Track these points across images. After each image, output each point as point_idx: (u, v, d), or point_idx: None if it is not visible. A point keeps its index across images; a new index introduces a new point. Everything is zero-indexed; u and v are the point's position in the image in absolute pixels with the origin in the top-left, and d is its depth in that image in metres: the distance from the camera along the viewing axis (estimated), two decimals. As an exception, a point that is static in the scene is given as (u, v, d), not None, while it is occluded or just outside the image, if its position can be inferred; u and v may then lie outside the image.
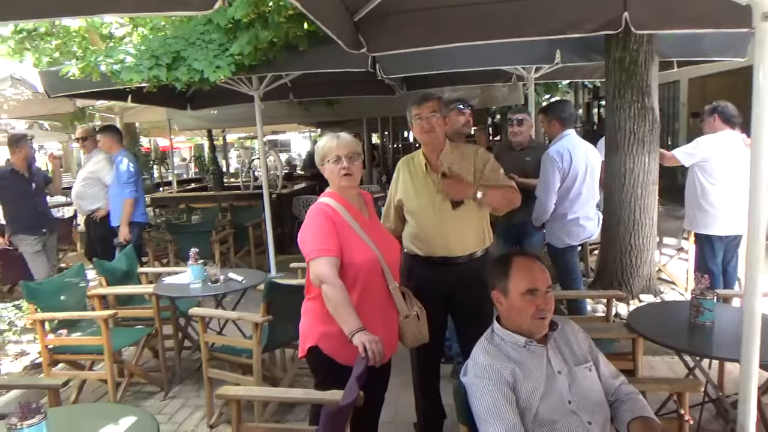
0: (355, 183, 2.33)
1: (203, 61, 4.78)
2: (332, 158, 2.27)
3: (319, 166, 2.37)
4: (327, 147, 2.29)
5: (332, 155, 2.27)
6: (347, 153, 2.27)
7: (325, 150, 2.30)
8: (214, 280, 3.75)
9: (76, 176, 6.22)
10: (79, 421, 2.07)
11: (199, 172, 15.44)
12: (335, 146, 2.27)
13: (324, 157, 2.30)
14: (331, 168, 2.28)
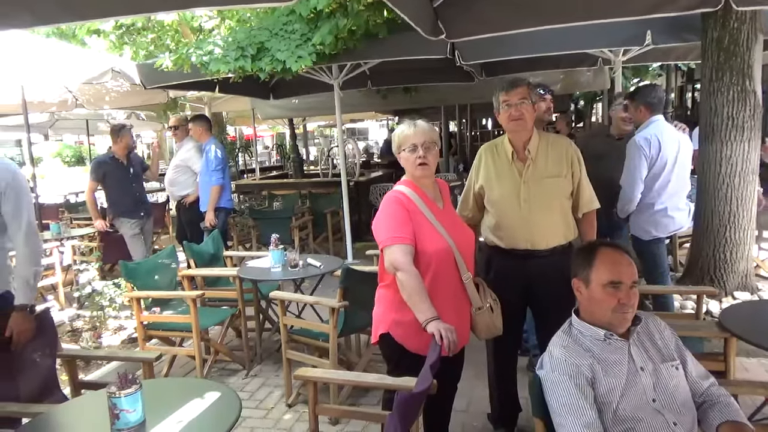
0: (431, 172, 2.31)
1: (285, 52, 4.91)
2: (408, 146, 2.27)
3: (395, 154, 2.37)
4: (403, 135, 2.29)
5: (408, 143, 2.27)
6: (423, 141, 2.26)
7: (402, 138, 2.30)
8: (293, 265, 3.87)
9: (168, 163, 6.60)
10: (169, 394, 2.21)
11: (280, 159, 15.92)
12: (411, 134, 2.27)
13: (400, 145, 2.30)
14: (407, 156, 2.28)
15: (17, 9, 2.28)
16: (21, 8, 2.29)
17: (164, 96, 7.83)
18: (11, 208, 2.46)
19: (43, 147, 23.19)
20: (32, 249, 2.51)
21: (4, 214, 2.47)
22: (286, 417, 3.28)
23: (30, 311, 2.50)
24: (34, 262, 2.52)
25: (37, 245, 2.57)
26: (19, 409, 2.23)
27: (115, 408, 1.78)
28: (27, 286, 2.48)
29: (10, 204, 2.46)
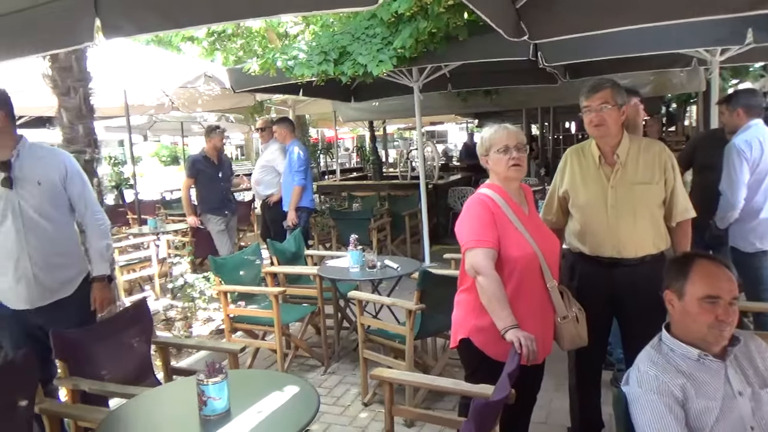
0: (523, 174, 2.28)
1: (367, 56, 4.99)
2: (500, 148, 2.23)
3: (481, 156, 2.34)
4: (494, 137, 2.26)
5: (500, 145, 2.24)
6: (516, 143, 2.22)
7: (493, 140, 2.27)
8: (371, 265, 3.92)
9: (255, 164, 6.89)
10: (252, 385, 2.30)
11: (360, 161, 16.16)
12: (504, 136, 2.24)
13: (490, 147, 2.27)
14: (498, 158, 2.25)
15: (123, 20, 2.47)
16: (126, 19, 2.48)
17: (252, 99, 8.17)
18: (77, 189, 2.71)
19: (142, 147, 24.84)
20: (100, 224, 2.77)
21: (71, 196, 2.71)
22: (362, 415, 3.33)
23: (108, 280, 2.75)
24: (103, 235, 2.78)
25: (103, 220, 2.81)
26: (117, 390, 2.40)
27: (203, 395, 1.88)
28: (101, 258, 2.75)
29: (76, 186, 2.71)
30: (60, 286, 2.69)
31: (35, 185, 2.60)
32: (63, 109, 3.83)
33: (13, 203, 2.58)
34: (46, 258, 2.64)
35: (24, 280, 2.61)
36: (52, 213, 2.65)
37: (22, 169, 2.59)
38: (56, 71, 3.79)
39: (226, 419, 1.89)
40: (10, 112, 2.61)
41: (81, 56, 3.84)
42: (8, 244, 2.59)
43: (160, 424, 2.06)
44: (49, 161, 2.67)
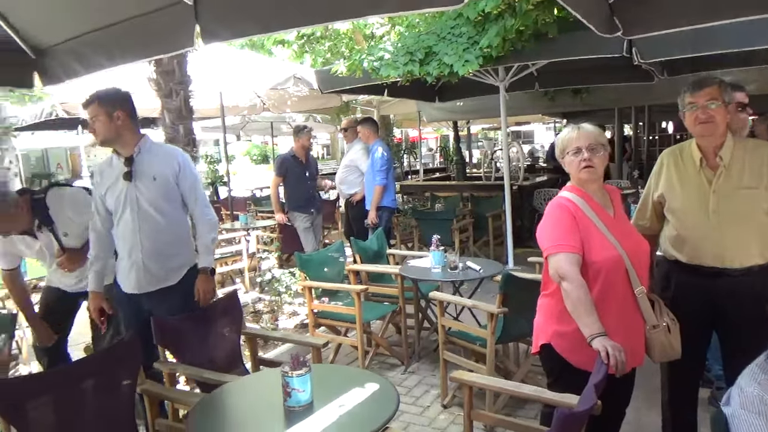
0: (596, 176, 2.18)
1: (453, 56, 4.96)
2: (572, 150, 2.16)
3: (559, 158, 2.28)
4: (567, 138, 2.19)
5: (572, 146, 2.16)
6: (588, 144, 2.14)
7: (566, 141, 2.20)
8: (453, 266, 3.89)
9: (339, 163, 7.05)
10: (334, 379, 2.36)
11: (443, 161, 16.09)
12: (575, 137, 2.17)
13: (564, 149, 2.21)
14: (571, 160, 2.18)
15: (220, 26, 2.62)
16: (222, 26, 2.62)
17: (338, 100, 8.36)
18: (188, 185, 2.87)
19: (235, 146, 26.03)
20: (207, 219, 2.91)
21: (183, 192, 2.87)
22: (441, 417, 3.32)
23: (211, 273, 2.90)
24: (210, 229, 2.92)
25: (211, 215, 2.95)
26: (211, 377, 2.54)
27: (288, 386, 1.95)
28: (207, 251, 2.90)
29: (187, 182, 2.86)
30: (166, 274, 2.88)
31: (151, 180, 2.81)
32: (166, 110, 4.09)
33: (132, 196, 2.81)
34: (155, 248, 2.83)
35: (135, 266, 2.83)
36: (164, 207, 2.83)
37: (141, 164, 2.82)
38: (160, 75, 4.07)
39: (309, 411, 1.95)
40: (131, 111, 2.84)
41: (182, 61, 4.10)
42: (126, 233, 2.83)
43: (248, 411, 2.15)
44: (165, 158, 2.86)
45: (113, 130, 2.76)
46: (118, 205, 2.82)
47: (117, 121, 2.75)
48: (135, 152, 2.82)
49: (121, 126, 2.77)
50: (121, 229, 2.84)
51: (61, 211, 2.96)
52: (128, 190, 2.80)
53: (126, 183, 2.79)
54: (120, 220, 2.84)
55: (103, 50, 3.10)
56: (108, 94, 2.81)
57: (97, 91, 2.82)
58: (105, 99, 2.77)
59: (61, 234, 3.00)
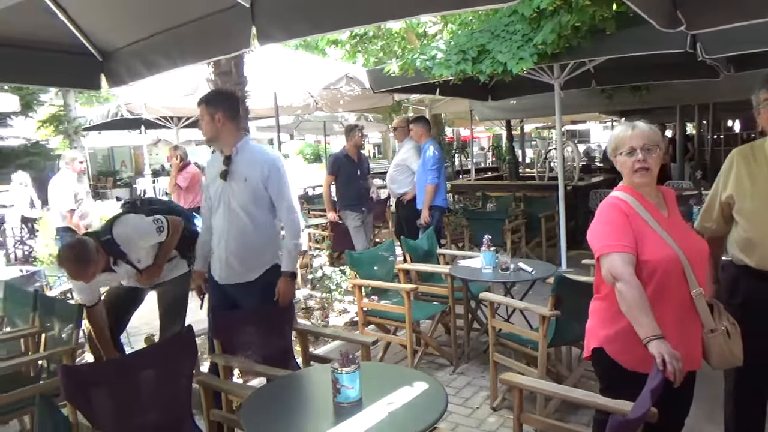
0: (651, 178, 2.09)
1: (507, 54, 4.88)
2: (626, 150, 2.08)
3: (611, 157, 2.20)
4: (620, 137, 2.11)
5: (625, 146, 2.08)
6: (643, 144, 2.05)
7: (618, 140, 2.12)
8: (504, 267, 3.84)
9: (390, 162, 7.08)
10: (383, 377, 2.37)
11: (495, 161, 15.90)
12: (629, 136, 2.08)
13: (616, 148, 2.12)
14: (624, 160, 2.09)
15: (275, 28, 2.67)
16: (278, 27, 2.67)
17: (390, 99, 8.39)
18: (275, 190, 2.96)
19: (289, 145, 26.54)
20: (292, 224, 3.00)
21: (271, 196, 2.98)
22: (490, 419, 3.28)
23: (292, 277, 3.00)
24: (293, 235, 3.00)
25: (296, 222, 3.02)
26: (264, 371, 2.60)
27: (338, 383, 1.98)
28: (289, 255, 3.01)
29: (274, 186, 2.96)
30: (246, 271, 3.02)
31: (242, 181, 2.95)
32: (223, 110, 4.20)
33: (225, 194, 2.99)
34: (239, 247, 2.99)
35: (220, 259, 3.05)
36: (251, 209, 2.97)
37: (236, 165, 2.98)
38: (218, 76, 4.18)
39: (358, 408, 1.96)
40: (232, 113, 3.00)
41: (239, 62, 4.20)
42: (217, 227, 3.05)
43: (298, 405, 2.19)
44: (257, 162, 2.96)
45: (214, 130, 2.96)
46: (215, 199, 3.04)
47: (218, 123, 2.94)
48: (233, 152, 2.98)
49: (221, 127, 2.95)
50: (214, 222, 3.08)
51: (130, 242, 3.14)
52: (223, 188, 2.98)
53: (222, 181, 2.97)
54: (215, 213, 3.06)
55: (164, 53, 3.23)
56: (212, 97, 3.04)
57: (206, 94, 3.09)
58: (209, 102, 2.98)
59: (134, 261, 3.19)
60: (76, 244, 2.94)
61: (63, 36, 3.25)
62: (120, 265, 3.16)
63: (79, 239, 3.00)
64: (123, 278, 3.28)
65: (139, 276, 3.27)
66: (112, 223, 3.16)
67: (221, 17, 2.83)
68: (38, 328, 3.29)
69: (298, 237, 3.04)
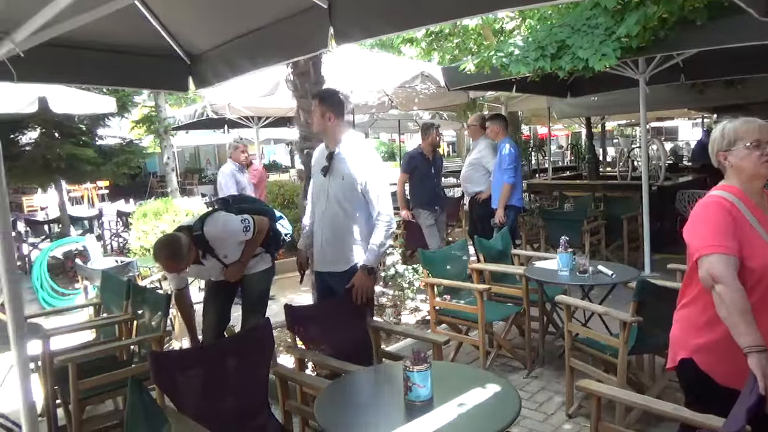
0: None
1: (588, 49, 4.69)
2: (751, 142, 1.94)
3: (718, 152, 2.05)
4: (742, 129, 1.98)
5: (751, 138, 1.95)
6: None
7: (740, 132, 1.98)
8: (582, 270, 3.71)
9: (464, 160, 7.00)
10: (455, 377, 2.36)
11: (574, 160, 15.39)
12: (755, 129, 1.96)
13: (735, 141, 1.99)
14: (747, 153, 1.96)
15: (353, 27, 2.71)
16: (355, 27, 2.71)
17: (465, 97, 8.31)
18: (370, 190, 3.11)
19: (363, 144, 26.82)
20: (383, 224, 3.12)
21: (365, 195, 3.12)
22: (565, 426, 3.19)
23: (370, 272, 3.11)
24: (382, 234, 3.12)
25: (387, 222, 3.14)
26: (336, 365, 2.65)
27: (409, 380, 1.98)
28: (373, 251, 3.12)
29: (369, 187, 3.11)
30: (335, 261, 3.22)
31: (340, 178, 3.14)
32: (301, 109, 4.32)
33: (325, 187, 3.20)
34: (334, 237, 3.20)
35: (317, 245, 3.29)
36: (346, 205, 3.14)
37: (338, 162, 3.16)
38: (296, 77, 4.30)
39: (429, 407, 1.96)
40: (339, 110, 3.18)
41: (317, 62, 4.29)
42: (318, 216, 3.27)
43: (370, 400, 2.23)
44: (356, 161, 3.12)
45: (323, 126, 3.19)
46: (316, 190, 3.28)
47: (327, 120, 3.16)
48: (336, 150, 3.16)
49: (330, 124, 3.17)
50: (317, 210, 3.31)
51: (219, 239, 3.32)
52: (324, 181, 3.20)
53: (322, 174, 3.19)
54: (317, 202, 3.30)
55: (246, 55, 3.35)
56: (326, 95, 3.24)
57: (321, 90, 3.37)
58: (323, 99, 3.19)
59: (221, 256, 3.37)
60: (171, 242, 3.12)
61: (155, 41, 3.44)
62: (208, 259, 3.33)
63: (174, 236, 3.16)
64: (210, 271, 3.45)
65: (224, 270, 3.43)
66: (204, 219, 3.32)
67: (300, 19, 2.90)
68: (130, 315, 3.52)
69: (388, 237, 3.16)
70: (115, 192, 15.01)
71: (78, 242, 7.35)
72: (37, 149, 7.92)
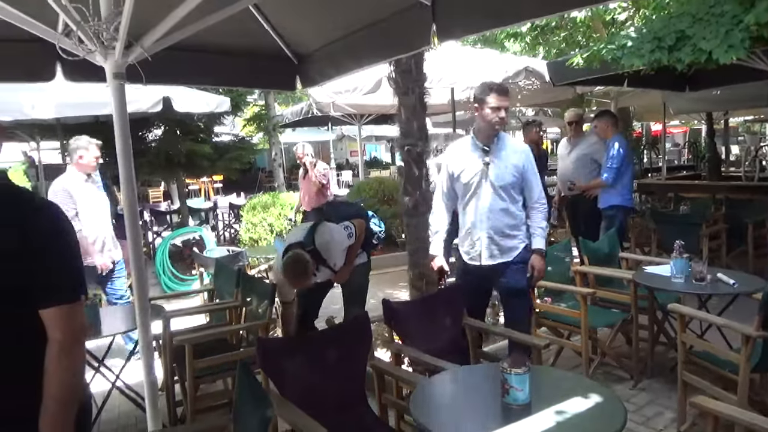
0: None
1: (712, 40, 4.32)
2: None
3: None
4: None
5: None
6: None
7: None
8: (699, 277, 3.44)
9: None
10: (554, 383, 2.28)
11: (692, 159, 14.32)
12: None
13: None
14: None
15: (455, 24, 2.69)
16: (457, 23, 2.69)
17: (571, 92, 7.97)
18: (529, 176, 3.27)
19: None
20: (543, 207, 3.32)
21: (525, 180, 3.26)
22: (675, 444, 2.98)
23: (543, 254, 3.29)
24: (543, 217, 3.32)
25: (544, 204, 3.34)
26: (432, 362, 2.65)
27: (506, 383, 1.94)
28: (540, 233, 3.29)
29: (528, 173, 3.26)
30: (507, 251, 3.25)
31: (503, 168, 3.20)
32: (402, 106, 4.35)
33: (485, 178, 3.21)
34: (503, 226, 3.23)
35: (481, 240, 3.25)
36: (511, 193, 3.23)
37: (497, 152, 3.22)
38: (398, 74, 4.33)
39: (527, 412, 1.91)
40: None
41: (419, 60, 4.30)
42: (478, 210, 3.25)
43: (466, 400, 2.21)
44: (515, 150, 3.27)
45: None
46: (473, 183, 3.24)
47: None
48: (494, 141, 3.22)
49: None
50: (471, 206, 3.28)
51: (329, 250, 3.49)
52: (482, 172, 3.21)
53: (483, 166, 3.20)
54: (472, 197, 3.26)
55: (352, 54, 3.44)
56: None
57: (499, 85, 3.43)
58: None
59: (332, 265, 3.55)
60: (299, 261, 3.29)
61: (265, 43, 3.63)
62: (321, 271, 3.52)
63: (299, 255, 3.32)
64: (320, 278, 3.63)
65: (333, 276, 3.62)
66: (312, 233, 3.47)
67: (402, 17, 2.93)
68: (240, 302, 3.75)
69: (546, 218, 3.35)
70: (228, 186, 16.02)
71: (195, 232, 7.92)
72: (161, 145, 8.62)
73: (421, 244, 4.16)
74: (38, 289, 1.40)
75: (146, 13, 2.29)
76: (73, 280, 1.47)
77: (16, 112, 5.71)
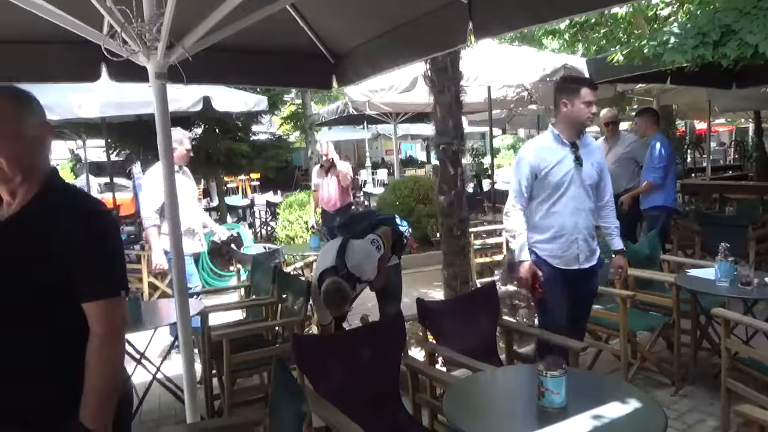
0: None
1: (759, 34, 4.17)
2: None
3: None
4: None
5: None
6: None
7: None
8: (745, 281, 3.32)
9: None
10: (592, 387, 2.23)
11: (738, 158, 13.83)
12: None
13: None
14: None
15: (492, 21, 2.67)
16: (494, 20, 2.66)
17: (612, 90, 7.80)
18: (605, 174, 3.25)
19: (500, 140, 26.34)
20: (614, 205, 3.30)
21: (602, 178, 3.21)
22: (719, 453, 2.89)
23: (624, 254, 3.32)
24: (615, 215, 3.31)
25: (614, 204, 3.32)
26: (465, 362, 2.63)
27: (542, 385, 1.91)
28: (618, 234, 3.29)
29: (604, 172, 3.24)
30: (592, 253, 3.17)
31: (589, 166, 3.11)
32: (438, 105, 4.34)
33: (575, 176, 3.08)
34: (588, 226, 3.14)
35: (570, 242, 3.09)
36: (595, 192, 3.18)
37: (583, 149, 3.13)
38: (434, 72, 4.32)
39: (563, 415, 1.88)
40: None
41: (455, 58, 4.28)
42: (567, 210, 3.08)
43: (500, 401, 2.19)
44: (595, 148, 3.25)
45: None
46: (562, 183, 3.06)
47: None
48: (578, 139, 3.16)
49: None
50: (560, 206, 3.08)
51: (362, 268, 3.55)
52: (573, 170, 3.07)
53: (573, 164, 3.06)
54: (561, 196, 3.08)
55: (387, 53, 3.44)
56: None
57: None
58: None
59: (366, 279, 3.64)
60: (339, 289, 3.33)
61: (302, 42, 3.66)
62: (357, 289, 3.62)
63: (338, 283, 3.36)
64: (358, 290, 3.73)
65: (369, 286, 3.71)
66: (341, 256, 3.51)
67: (439, 15, 2.91)
68: (276, 299, 3.80)
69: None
70: (265, 184, 16.23)
71: (233, 229, 8.06)
72: (202, 144, 8.80)
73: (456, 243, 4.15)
74: (81, 284, 1.46)
75: (187, 14, 2.34)
76: (114, 277, 1.53)
77: (65, 112, 5.93)
